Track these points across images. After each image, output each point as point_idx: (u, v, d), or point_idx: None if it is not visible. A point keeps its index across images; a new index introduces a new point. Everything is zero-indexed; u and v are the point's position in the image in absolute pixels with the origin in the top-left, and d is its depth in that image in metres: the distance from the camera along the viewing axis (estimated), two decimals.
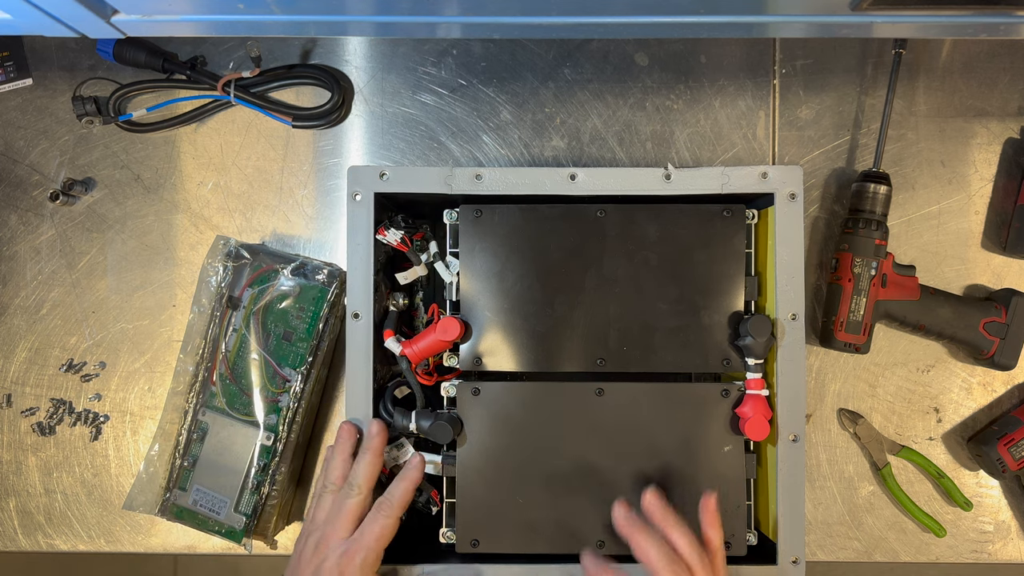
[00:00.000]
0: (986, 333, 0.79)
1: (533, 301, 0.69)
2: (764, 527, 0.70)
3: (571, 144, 0.84)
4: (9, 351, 0.84)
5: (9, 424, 0.83)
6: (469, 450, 0.68)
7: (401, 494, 0.65)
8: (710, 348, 0.68)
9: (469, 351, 0.69)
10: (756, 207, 0.70)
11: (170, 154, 0.84)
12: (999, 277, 0.83)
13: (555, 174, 0.67)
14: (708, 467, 0.68)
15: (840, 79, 0.83)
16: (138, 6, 0.54)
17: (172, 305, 0.83)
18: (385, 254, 0.71)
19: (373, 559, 0.63)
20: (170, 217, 0.84)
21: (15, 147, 0.84)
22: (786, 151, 0.84)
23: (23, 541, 0.83)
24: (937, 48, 0.83)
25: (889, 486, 0.81)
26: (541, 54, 0.84)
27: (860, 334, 0.78)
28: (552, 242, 0.69)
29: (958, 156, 0.83)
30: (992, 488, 0.83)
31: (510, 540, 0.67)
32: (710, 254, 0.69)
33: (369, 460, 0.65)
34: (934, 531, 0.80)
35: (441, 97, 0.84)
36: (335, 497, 0.65)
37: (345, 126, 0.84)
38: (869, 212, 0.78)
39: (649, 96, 0.83)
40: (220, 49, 0.83)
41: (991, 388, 0.83)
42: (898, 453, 0.81)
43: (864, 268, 0.77)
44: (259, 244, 0.83)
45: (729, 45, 0.84)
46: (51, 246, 0.84)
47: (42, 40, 0.83)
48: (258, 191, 0.84)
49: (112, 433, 0.83)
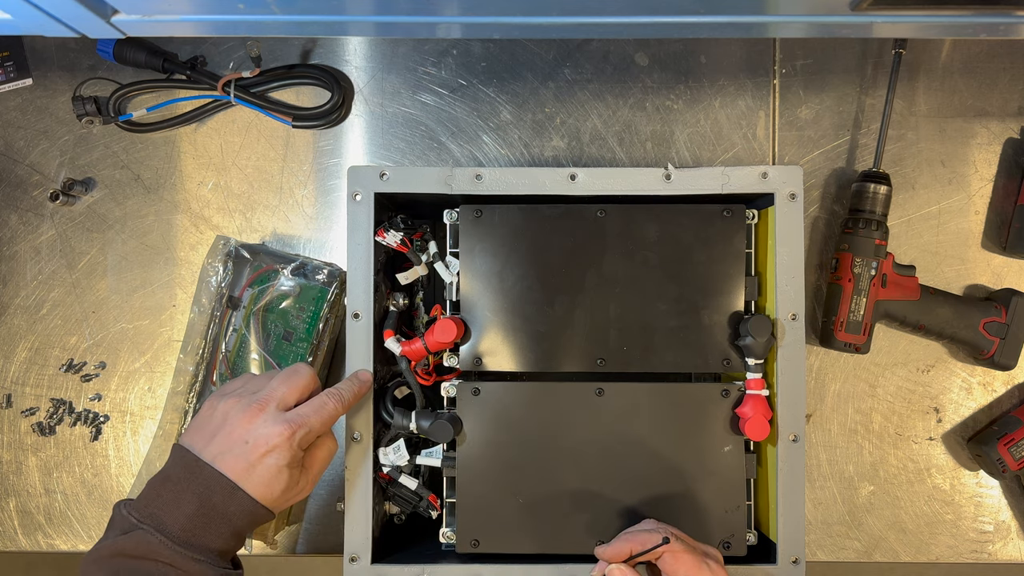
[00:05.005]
0: (986, 333, 0.79)
1: (533, 301, 0.69)
2: (764, 527, 0.70)
3: (571, 144, 0.84)
4: (9, 351, 0.84)
5: (9, 424, 0.83)
6: (469, 450, 0.68)
7: (350, 387, 0.63)
8: (710, 348, 0.68)
9: (469, 351, 0.69)
10: (756, 207, 0.70)
11: (170, 154, 0.84)
12: (999, 277, 0.83)
13: (555, 174, 0.67)
14: (708, 467, 0.68)
15: (840, 79, 0.83)
16: (138, 6, 0.54)
17: (172, 305, 0.83)
18: (385, 254, 0.71)
19: (311, 438, 0.60)
20: (170, 217, 0.84)
21: (15, 147, 0.84)
22: (786, 151, 0.84)
23: (23, 541, 0.83)
24: (937, 48, 0.83)
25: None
26: (541, 54, 0.84)
27: (860, 334, 0.78)
28: (552, 242, 0.69)
29: (958, 156, 0.83)
30: (992, 488, 0.83)
31: (510, 540, 0.67)
32: (710, 254, 0.69)
33: (329, 403, 0.62)
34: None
35: (441, 97, 0.84)
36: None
37: (345, 126, 0.84)
38: (869, 212, 0.78)
39: (649, 96, 0.83)
40: (220, 49, 0.83)
41: (991, 388, 0.83)
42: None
43: (864, 268, 0.77)
44: (259, 244, 0.83)
45: (729, 45, 0.83)
46: (51, 246, 0.84)
47: (42, 40, 0.83)
48: (258, 191, 0.84)
49: (112, 433, 0.83)
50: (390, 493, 0.71)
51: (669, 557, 0.58)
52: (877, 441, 0.82)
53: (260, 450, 0.58)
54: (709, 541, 0.65)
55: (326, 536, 0.82)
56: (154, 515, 0.56)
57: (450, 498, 0.69)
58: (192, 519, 0.56)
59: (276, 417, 0.59)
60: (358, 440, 0.67)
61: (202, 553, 0.56)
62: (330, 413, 0.61)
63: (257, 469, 0.58)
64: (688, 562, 0.58)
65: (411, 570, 0.66)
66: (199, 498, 0.57)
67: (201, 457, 0.58)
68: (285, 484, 0.59)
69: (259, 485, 0.58)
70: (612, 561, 0.59)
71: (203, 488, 0.57)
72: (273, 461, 0.58)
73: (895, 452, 0.82)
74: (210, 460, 0.58)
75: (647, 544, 0.58)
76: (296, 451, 0.59)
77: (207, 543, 0.56)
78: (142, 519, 0.56)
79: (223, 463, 0.58)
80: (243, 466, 0.57)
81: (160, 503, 0.57)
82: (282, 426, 0.58)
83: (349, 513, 0.66)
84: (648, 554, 0.59)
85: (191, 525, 0.56)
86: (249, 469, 0.57)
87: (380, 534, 0.70)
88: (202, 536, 0.56)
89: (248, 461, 0.57)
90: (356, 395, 0.64)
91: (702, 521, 0.67)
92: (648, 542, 0.58)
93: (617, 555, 0.59)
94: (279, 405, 0.60)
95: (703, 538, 0.64)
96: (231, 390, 0.62)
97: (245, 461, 0.57)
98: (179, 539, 0.55)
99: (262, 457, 0.58)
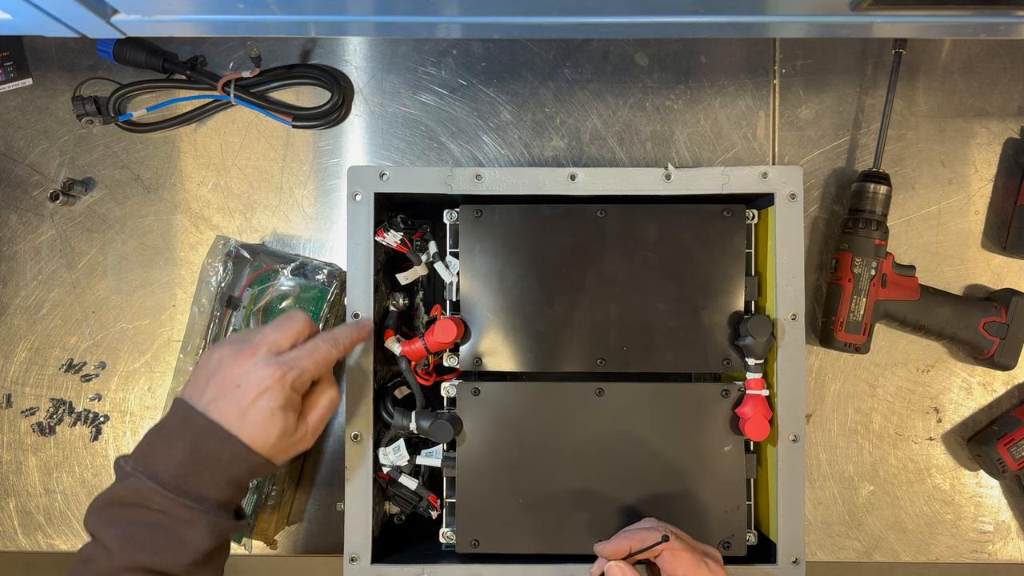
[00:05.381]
0: (986, 333, 0.79)
1: (533, 301, 0.69)
2: (764, 527, 0.70)
3: (571, 144, 0.84)
4: (9, 351, 0.84)
5: (9, 424, 0.83)
6: (469, 450, 0.68)
7: (346, 332, 0.62)
8: (710, 348, 0.68)
9: (469, 351, 0.69)
10: (756, 207, 0.70)
11: (170, 154, 0.84)
12: (999, 277, 0.83)
13: (555, 174, 0.67)
14: (708, 467, 0.68)
15: (840, 79, 0.83)
16: (138, 6, 0.54)
17: (172, 305, 0.83)
18: (385, 254, 0.71)
19: (306, 381, 0.59)
20: (170, 217, 0.84)
21: (15, 147, 0.84)
22: (786, 151, 0.84)
23: (23, 541, 0.83)
24: (937, 48, 0.83)
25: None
26: (541, 54, 0.84)
27: (860, 334, 0.78)
28: (552, 242, 0.69)
29: (958, 156, 0.83)
30: (992, 488, 0.83)
31: (510, 540, 0.67)
32: (710, 254, 0.69)
33: (323, 346, 0.60)
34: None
35: (441, 97, 0.84)
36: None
37: (345, 126, 0.84)
38: (869, 212, 0.78)
39: (649, 96, 0.83)
40: (220, 49, 0.83)
41: (991, 388, 0.83)
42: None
43: (864, 268, 0.77)
44: (259, 244, 0.83)
45: (729, 45, 0.83)
46: (51, 246, 0.84)
47: (42, 40, 0.83)
48: (258, 191, 0.84)
49: (112, 433, 0.83)
50: (390, 493, 0.71)
51: (668, 555, 0.58)
52: (877, 441, 0.82)
53: (252, 393, 0.56)
54: (709, 541, 0.65)
55: (326, 536, 0.82)
56: (147, 464, 0.56)
57: (450, 498, 0.69)
58: (184, 466, 0.55)
59: (267, 360, 0.58)
60: (358, 440, 0.67)
61: (196, 501, 0.55)
62: (324, 356, 0.60)
63: (250, 413, 0.56)
64: (687, 561, 0.58)
65: (411, 570, 0.66)
66: (191, 445, 0.56)
67: (196, 406, 0.57)
68: (280, 429, 0.57)
69: (253, 431, 0.57)
70: (611, 558, 0.59)
71: (195, 435, 0.56)
72: (265, 403, 0.57)
73: (895, 452, 0.82)
74: (204, 408, 0.57)
75: (646, 542, 0.58)
76: (290, 393, 0.58)
77: (200, 491, 0.56)
78: (136, 468, 0.56)
79: (216, 410, 0.57)
80: (236, 411, 0.56)
81: (153, 452, 0.56)
82: (273, 367, 0.57)
83: (349, 513, 0.66)
84: (647, 552, 0.59)
85: (183, 472, 0.55)
86: (242, 415, 0.56)
87: (380, 534, 0.70)
88: (195, 484, 0.55)
89: (240, 406, 0.56)
90: (353, 340, 0.63)
91: (702, 521, 0.67)
92: (647, 540, 0.58)
93: (616, 552, 0.59)
94: (271, 349, 0.59)
95: (703, 538, 0.64)
96: (227, 341, 0.61)
97: (237, 406, 0.56)
98: (171, 486, 0.55)
99: (254, 400, 0.56)
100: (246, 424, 0.56)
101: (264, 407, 0.57)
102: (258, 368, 0.57)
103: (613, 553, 0.59)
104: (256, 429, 0.57)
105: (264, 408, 0.57)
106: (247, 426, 0.56)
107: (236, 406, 0.56)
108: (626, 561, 0.59)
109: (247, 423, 0.56)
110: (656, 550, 0.58)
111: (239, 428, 0.56)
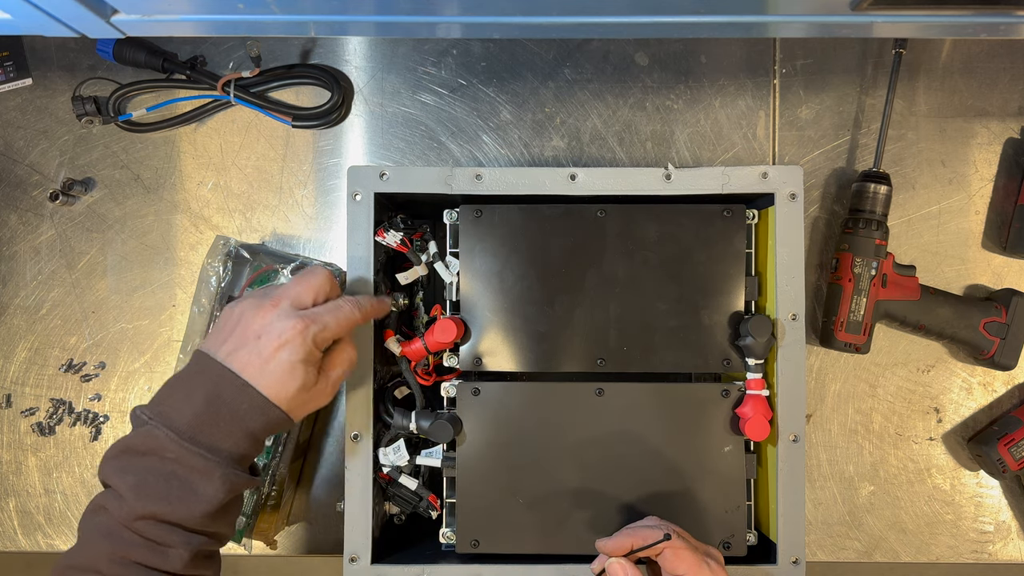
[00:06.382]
0: (986, 333, 0.79)
1: (533, 301, 0.69)
2: (764, 527, 0.70)
3: (571, 144, 0.84)
4: (9, 351, 0.84)
5: (9, 424, 0.83)
6: (469, 450, 0.68)
7: (369, 300, 0.62)
8: (710, 348, 0.68)
9: (469, 351, 0.69)
10: (756, 207, 0.70)
11: (170, 154, 0.84)
12: (999, 277, 0.83)
13: (555, 174, 0.67)
14: (708, 467, 0.68)
15: (840, 79, 0.83)
16: (138, 6, 0.54)
17: (172, 305, 0.83)
18: (385, 254, 0.71)
19: (327, 337, 0.58)
20: (170, 217, 0.84)
21: (15, 147, 0.84)
22: (786, 151, 0.84)
23: (23, 541, 0.83)
24: (937, 48, 0.83)
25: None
26: (541, 54, 0.84)
27: (860, 334, 0.78)
28: (552, 242, 0.69)
29: (958, 156, 0.83)
30: (992, 488, 0.83)
31: (510, 540, 0.67)
32: (710, 254, 0.69)
33: (346, 306, 0.60)
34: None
35: (441, 97, 0.84)
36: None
37: (345, 126, 0.84)
38: (869, 212, 0.78)
39: (649, 96, 0.83)
40: (220, 49, 0.83)
41: (991, 388, 0.83)
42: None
43: (864, 268, 0.77)
44: (259, 244, 0.83)
45: (729, 45, 0.83)
46: (51, 246, 0.84)
47: (42, 40, 0.83)
48: (258, 191, 0.84)
49: (112, 433, 0.83)
50: (390, 493, 0.71)
51: (670, 553, 0.58)
52: (877, 441, 0.82)
53: (273, 344, 0.56)
54: (709, 541, 0.65)
55: (326, 536, 0.82)
56: (163, 412, 0.55)
57: (450, 498, 0.69)
58: (200, 416, 0.55)
59: (289, 312, 0.57)
60: (358, 440, 0.67)
61: (210, 451, 0.54)
62: (346, 315, 0.59)
63: (270, 365, 0.56)
64: (688, 559, 0.58)
65: (411, 570, 0.66)
66: (208, 394, 0.55)
67: (215, 357, 0.57)
68: (300, 382, 0.56)
69: (273, 382, 0.56)
70: (612, 555, 0.59)
71: (212, 384, 0.55)
72: (286, 356, 0.56)
73: (895, 452, 0.82)
74: (223, 358, 0.56)
75: (648, 539, 0.58)
76: (311, 347, 0.57)
77: (216, 442, 0.55)
78: (152, 416, 0.55)
79: (235, 360, 0.56)
80: (257, 362, 0.56)
81: (170, 401, 0.56)
82: (295, 320, 0.56)
83: (349, 513, 0.66)
84: (649, 549, 0.59)
85: (198, 421, 0.54)
86: (262, 365, 0.56)
87: (380, 534, 0.70)
88: (210, 433, 0.55)
89: (261, 356, 0.56)
90: (374, 308, 0.63)
91: (702, 521, 0.67)
92: (649, 537, 0.58)
93: (618, 549, 0.59)
94: (293, 303, 0.58)
95: (703, 538, 0.64)
96: (248, 295, 0.61)
97: (258, 356, 0.56)
98: (186, 435, 0.54)
99: (275, 352, 0.56)
100: (265, 375, 0.56)
101: (285, 359, 0.56)
102: (280, 320, 0.57)
103: (615, 550, 0.59)
104: (275, 381, 0.56)
105: (285, 360, 0.56)
106: (266, 378, 0.56)
107: (257, 357, 0.56)
108: (627, 558, 0.59)
109: (266, 375, 0.56)
110: (658, 548, 0.58)
111: (258, 379, 0.56)
